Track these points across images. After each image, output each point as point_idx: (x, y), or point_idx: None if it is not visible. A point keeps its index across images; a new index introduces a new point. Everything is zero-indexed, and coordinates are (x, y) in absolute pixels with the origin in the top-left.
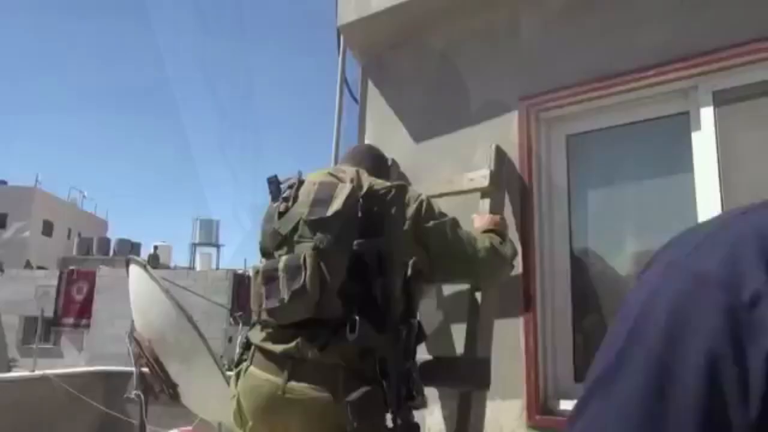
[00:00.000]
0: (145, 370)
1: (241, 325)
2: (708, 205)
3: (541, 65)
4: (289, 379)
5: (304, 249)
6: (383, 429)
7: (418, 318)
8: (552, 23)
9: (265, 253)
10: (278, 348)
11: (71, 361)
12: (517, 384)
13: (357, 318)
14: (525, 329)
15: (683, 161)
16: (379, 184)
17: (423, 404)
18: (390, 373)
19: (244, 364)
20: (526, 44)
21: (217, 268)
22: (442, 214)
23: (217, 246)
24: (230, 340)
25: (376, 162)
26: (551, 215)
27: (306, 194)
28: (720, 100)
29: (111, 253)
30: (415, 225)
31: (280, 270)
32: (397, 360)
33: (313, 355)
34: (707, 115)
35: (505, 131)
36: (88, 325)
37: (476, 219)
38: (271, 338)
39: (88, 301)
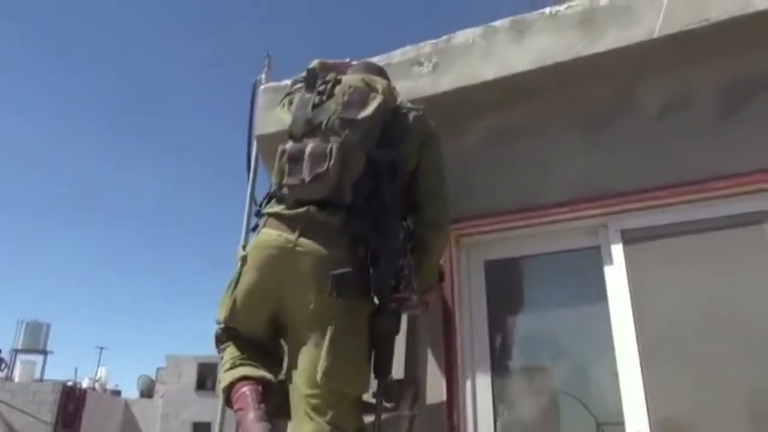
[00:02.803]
0: None
1: None
2: (623, 334)
3: (461, 191)
4: (300, 236)
5: (333, 141)
6: (361, 307)
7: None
8: (471, 152)
9: (292, 136)
10: (291, 212)
11: None
12: None
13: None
14: None
15: (598, 292)
16: (405, 104)
17: (412, 302)
18: (380, 263)
19: (258, 228)
20: (447, 169)
21: (42, 380)
22: (441, 158)
23: (45, 353)
24: None
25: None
26: (472, 341)
27: (341, 94)
28: (628, 238)
29: None
30: (420, 152)
31: (306, 153)
32: (390, 254)
33: (323, 218)
34: (617, 251)
35: None
36: None
37: None
38: (286, 208)
39: None
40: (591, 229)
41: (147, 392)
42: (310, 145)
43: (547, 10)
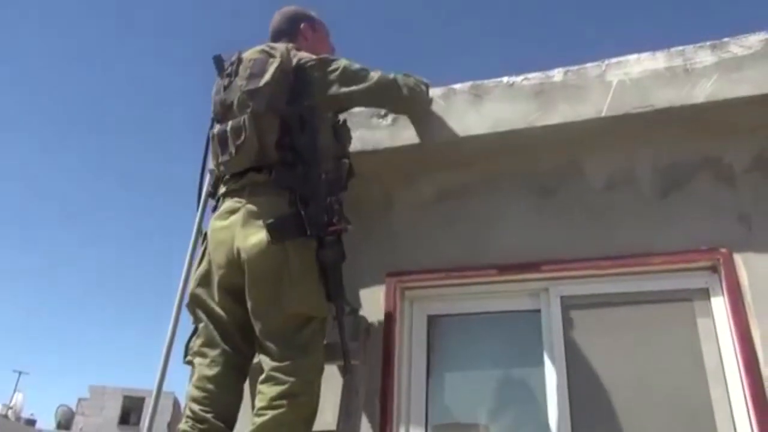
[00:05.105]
0: None
1: None
2: (556, 397)
3: (409, 245)
4: (248, 197)
5: (244, 113)
6: (307, 243)
7: (348, 161)
8: (422, 207)
9: (218, 120)
10: (237, 185)
11: None
12: None
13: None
14: None
15: (535, 354)
16: (306, 57)
17: (345, 228)
18: (309, 205)
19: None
20: (398, 222)
21: None
22: (358, 72)
23: None
24: None
25: (301, 29)
26: (409, 393)
27: (244, 69)
28: (567, 304)
29: None
30: (332, 86)
31: (228, 132)
32: (317, 196)
33: (261, 178)
34: (556, 316)
35: (373, 304)
36: None
37: None
38: (233, 183)
39: None
40: (532, 293)
41: (65, 424)
42: (230, 123)
43: (505, 79)
